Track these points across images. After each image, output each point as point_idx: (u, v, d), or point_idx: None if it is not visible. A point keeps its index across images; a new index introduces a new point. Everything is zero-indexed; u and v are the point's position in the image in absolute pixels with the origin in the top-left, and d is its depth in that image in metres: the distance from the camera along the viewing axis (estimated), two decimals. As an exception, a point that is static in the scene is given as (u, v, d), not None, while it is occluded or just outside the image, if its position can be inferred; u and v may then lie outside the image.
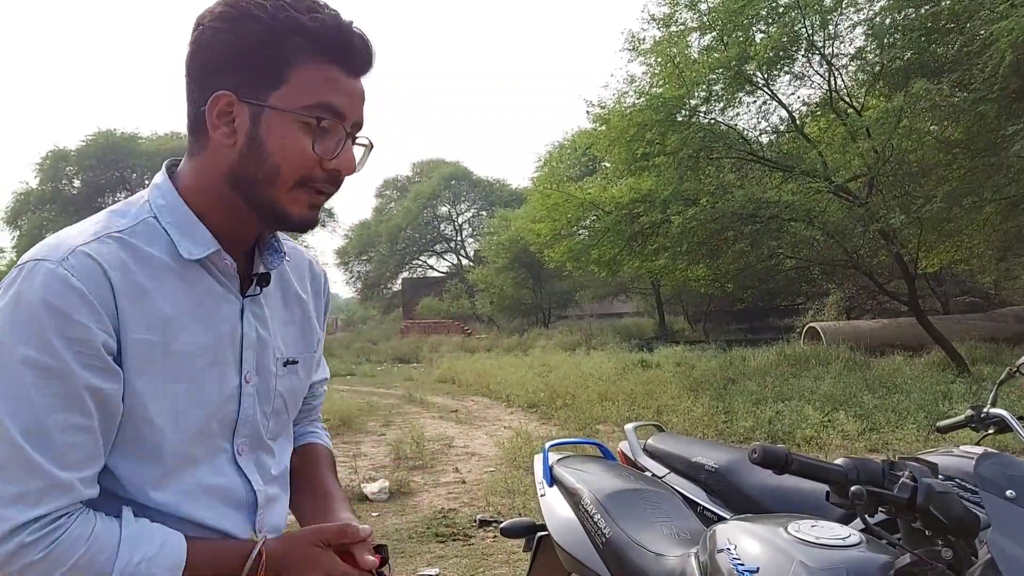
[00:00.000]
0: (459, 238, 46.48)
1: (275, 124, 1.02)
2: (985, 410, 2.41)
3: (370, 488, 6.79)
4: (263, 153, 1.03)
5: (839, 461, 1.26)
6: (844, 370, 11.53)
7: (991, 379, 9.92)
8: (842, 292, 18.92)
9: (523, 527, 2.32)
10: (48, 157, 35.72)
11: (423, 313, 35.12)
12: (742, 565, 1.51)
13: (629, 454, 3.11)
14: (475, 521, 5.61)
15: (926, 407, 8.52)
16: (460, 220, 46.37)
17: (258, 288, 1.13)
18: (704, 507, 2.64)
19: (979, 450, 2.31)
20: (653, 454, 2.99)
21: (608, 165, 13.54)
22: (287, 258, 1.21)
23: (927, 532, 1.25)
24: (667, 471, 2.90)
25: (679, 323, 30.29)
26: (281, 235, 1.23)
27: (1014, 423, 2.32)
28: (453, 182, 45.10)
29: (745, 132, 12.30)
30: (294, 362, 1.18)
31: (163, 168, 1.11)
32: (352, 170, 1.06)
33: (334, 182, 1.06)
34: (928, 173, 10.66)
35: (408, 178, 49.83)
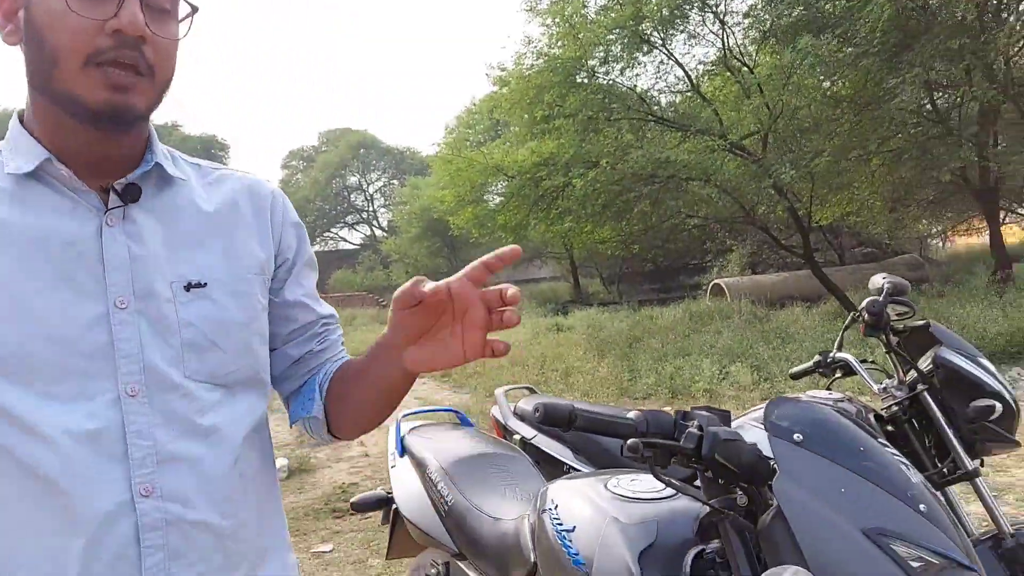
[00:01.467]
0: (371, 208, 45.73)
1: (43, 2, 0.90)
2: (831, 355, 2.45)
3: (268, 467, 6.64)
4: (40, 39, 0.91)
5: (630, 414, 1.22)
6: (744, 324, 11.85)
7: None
8: (745, 248, 19.42)
9: (373, 500, 2.25)
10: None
11: (336, 287, 34.50)
12: (561, 525, 1.48)
13: (500, 418, 3.08)
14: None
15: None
16: (371, 190, 45.59)
17: (120, 201, 0.96)
18: (570, 466, 2.63)
19: (824, 394, 2.36)
20: (523, 417, 2.97)
21: (516, 125, 13.42)
22: (217, 181, 1.08)
23: (720, 480, 1.23)
24: (535, 433, 2.88)
25: (594, 286, 30.62)
26: (207, 162, 1.13)
27: (857, 366, 2.36)
28: (362, 151, 44.18)
29: (643, 92, 12.37)
30: (200, 285, 1.00)
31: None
32: (137, 29, 0.89)
33: (126, 46, 0.90)
34: (818, 128, 10.94)
35: (315, 148, 48.54)
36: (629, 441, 1.17)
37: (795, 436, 1.20)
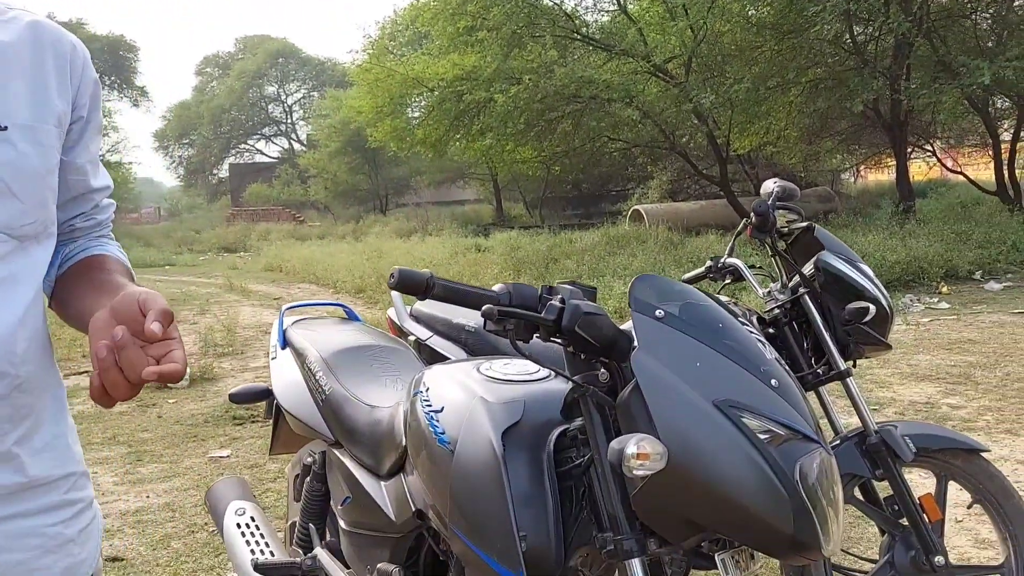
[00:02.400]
0: (289, 121, 44.17)
1: None
2: (722, 260, 2.48)
3: (169, 375, 6.47)
4: None
5: (495, 287, 1.19)
6: (660, 248, 12.04)
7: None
8: (665, 176, 19.62)
9: (252, 392, 2.19)
10: None
11: (251, 200, 33.48)
12: (430, 406, 1.45)
13: (396, 320, 3.03)
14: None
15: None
16: (290, 101, 43.93)
17: None
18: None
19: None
20: (419, 318, 2.92)
21: (436, 41, 13.02)
22: (10, 21, 0.97)
23: (582, 356, 1.22)
24: (431, 334, 2.84)
25: (517, 209, 30.59)
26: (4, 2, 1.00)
27: (745, 271, 2.39)
28: (280, 60, 42.38)
29: (571, 10, 12.13)
30: (1, 128, 0.92)
31: None
32: None
33: None
34: (740, 54, 10.98)
35: (231, 55, 46.30)
36: (485, 306, 1.14)
37: (656, 312, 1.19)
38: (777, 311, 2.27)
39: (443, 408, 1.43)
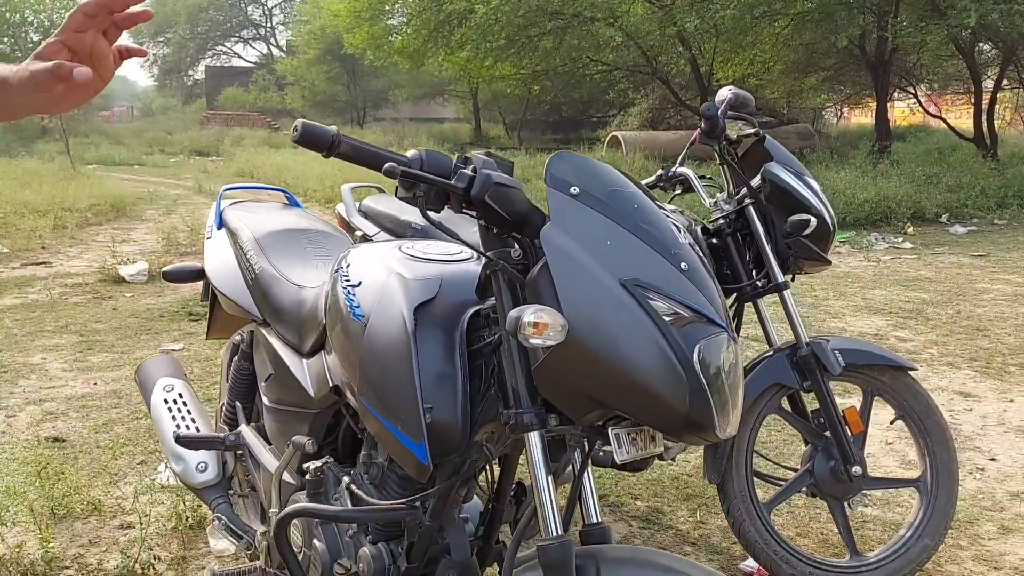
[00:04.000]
0: (269, 24, 42.82)
1: None
2: (673, 169, 2.45)
3: (127, 270, 6.40)
4: None
5: (409, 153, 1.16)
6: (633, 174, 11.97)
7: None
8: (646, 104, 19.37)
9: (185, 272, 2.16)
10: None
11: (226, 105, 32.64)
12: (348, 281, 1.43)
13: (344, 215, 2.99)
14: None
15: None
16: (270, 3, 42.49)
17: None
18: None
19: (666, 208, 2.37)
20: (367, 215, 2.89)
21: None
22: None
23: (495, 231, 1.20)
24: (378, 231, 2.82)
25: (496, 130, 30.16)
26: None
27: (695, 182, 2.38)
28: (261, -42, 40.88)
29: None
30: None
31: None
32: None
33: None
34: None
35: (210, -50, 44.49)
36: (387, 165, 1.11)
37: (572, 189, 1.16)
38: (722, 221, 2.26)
39: (360, 283, 1.41)
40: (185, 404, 2.02)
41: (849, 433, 2.16)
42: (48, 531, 2.26)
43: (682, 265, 1.16)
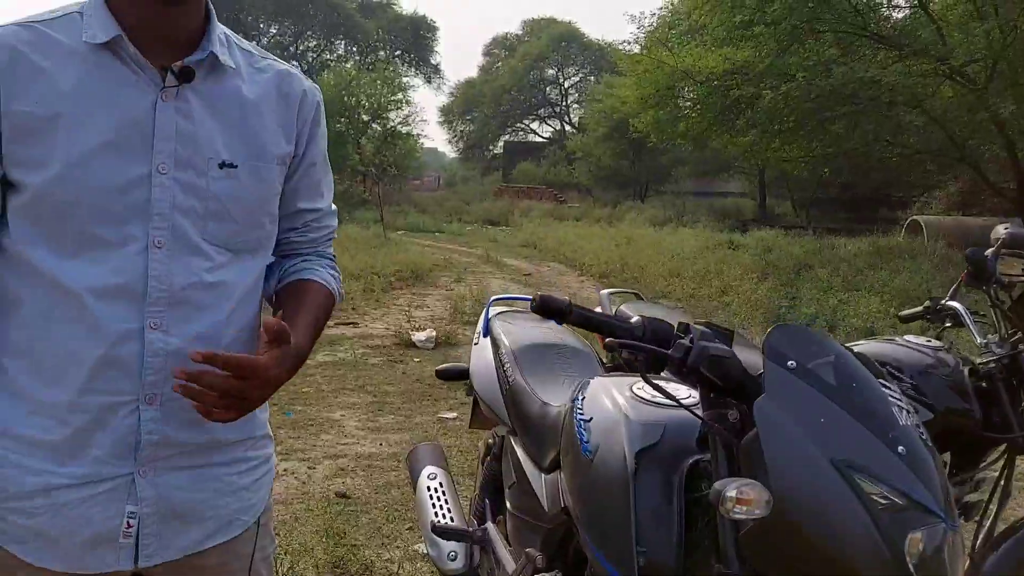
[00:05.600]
0: (564, 103, 45.50)
1: None
2: (942, 302, 2.33)
3: (418, 336, 7.12)
4: None
5: (633, 319, 1.28)
6: (933, 267, 10.98)
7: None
8: (955, 186, 17.71)
9: (456, 371, 2.44)
10: None
11: (519, 178, 35.05)
12: (582, 414, 1.58)
13: (601, 318, 3.15)
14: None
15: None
16: (567, 84, 45.25)
17: (176, 81, 1.12)
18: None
19: (920, 340, 2.26)
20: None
21: (718, 27, 12.69)
22: (262, 70, 1.24)
23: (712, 395, 1.28)
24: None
25: (783, 207, 29.18)
26: (256, 48, 1.28)
27: (966, 317, 2.24)
28: (563, 44, 43.68)
29: (860, 3, 11.33)
30: (232, 166, 1.16)
31: None
32: None
33: None
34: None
35: (517, 37, 48.51)
36: (607, 340, 1.24)
37: (789, 363, 1.21)
38: (993, 365, 2.10)
39: (592, 418, 1.55)
40: (444, 494, 2.27)
41: None
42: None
43: (899, 449, 1.16)
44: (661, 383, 1.31)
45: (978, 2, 10.02)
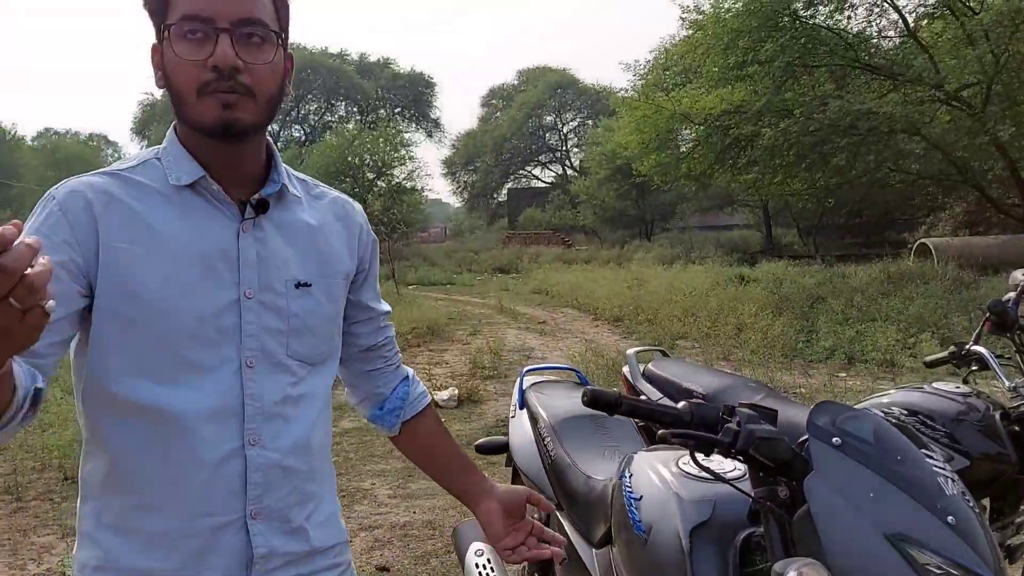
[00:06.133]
0: (564, 148, 46.04)
1: (167, 51, 1.18)
2: (967, 347, 2.37)
3: (440, 395, 7.16)
4: (170, 82, 1.19)
5: (679, 405, 1.34)
6: (945, 290, 10.99)
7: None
8: (960, 206, 17.79)
9: (496, 445, 2.49)
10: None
11: (525, 224, 35.34)
12: (632, 493, 1.63)
13: (630, 378, 3.21)
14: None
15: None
16: (565, 130, 45.85)
17: (253, 213, 1.23)
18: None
19: (950, 387, 2.30)
20: (651, 379, 3.08)
21: (713, 69, 12.92)
22: (318, 197, 1.36)
23: (760, 473, 1.33)
24: (661, 396, 2.99)
25: (789, 236, 29.31)
26: (309, 178, 1.40)
27: (993, 362, 2.28)
28: (559, 90, 44.39)
29: (850, 38, 11.55)
30: (307, 285, 1.26)
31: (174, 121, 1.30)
32: (228, 61, 1.13)
33: (224, 76, 1.14)
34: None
35: (514, 87, 49.34)
36: (659, 432, 1.29)
37: (834, 440, 1.26)
38: (1023, 408, 2.14)
39: (642, 497, 1.59)
40: (493, 570, 2.30)
41: None
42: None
43: (949, 519, 1.20)
44: (710, 463, 1.37)
45: (967, 27, 10.19)
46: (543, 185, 45.85)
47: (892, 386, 6.64)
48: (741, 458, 1.31)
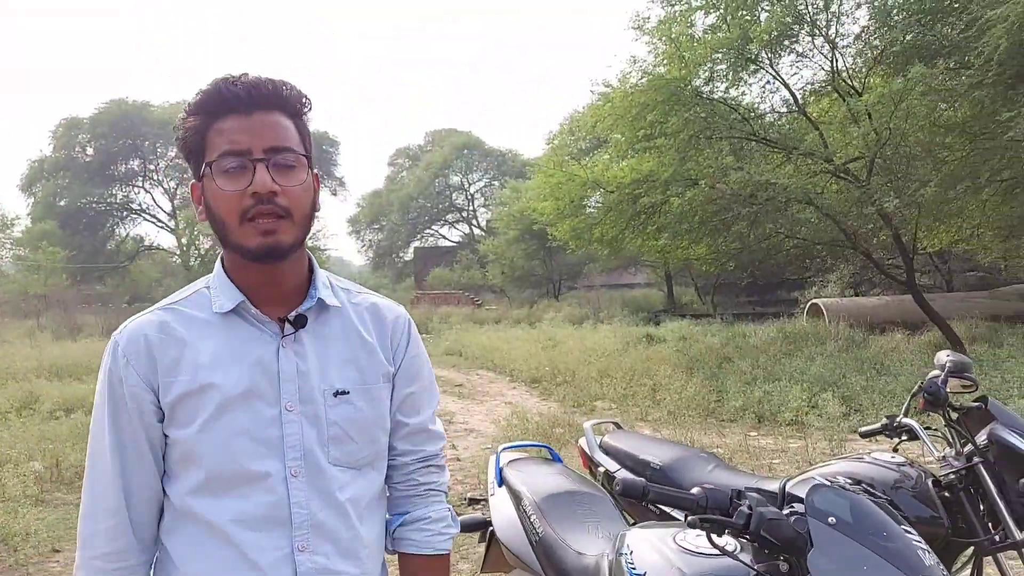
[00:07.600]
0: (471, 208, 46.68)
1: (209, 185, 1.29)
2: (898, 419, 2.65)
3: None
4: (212, 211, 1.30)
5: (694, 491, 1.51)
6: (840, 349, 11.72)
7: (986, 360, 10.11)
8: (847, 268, 19.02)
9: (475, 523, 2.59)
10: (62, 125, 36.24)
11: (433, 283, 35.45)
12: (635, 569, 1.77)
13: (587, 451, 3.37)
14: (464, 499, 5.91)
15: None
16: (472, 190, 46.56)
17: (292, 329, 1.32)
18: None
19: (888, 457, 2.56)
20: (608, 451, 3.25)
21: (618, 137, 13.52)
22: (358, 303, 1.43)
23: (765, 551, 1.51)
24: (619, 467, 3.16)
25: (688, 295, 30.45)
26: (352, 284, 1.48)
27: (921, 433, 2.56)
28: (465, 152, 45.16)
29: (746, 112, 12.37)
30: (345, 392, 1.33)
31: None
32: (267, 187, 1.25)
33: (263, 202, 1.25)
34: (928, 155, 10.75)
35: (420, 147, 49.93)
36: (690, 519, 1.46)
37: (830, 519, 1.46)
38: (952, 477, 2.41)
39: (645, 573, 1.74)
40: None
41: None
42: None
43: (928, 587, 1.41)
44: (717, 540, 1.54)
45: (851, 107, 11.10)
46: (450, 244, 46.20)
47: (802, 445, 7.03)
48: (747, 537, 1.49)
